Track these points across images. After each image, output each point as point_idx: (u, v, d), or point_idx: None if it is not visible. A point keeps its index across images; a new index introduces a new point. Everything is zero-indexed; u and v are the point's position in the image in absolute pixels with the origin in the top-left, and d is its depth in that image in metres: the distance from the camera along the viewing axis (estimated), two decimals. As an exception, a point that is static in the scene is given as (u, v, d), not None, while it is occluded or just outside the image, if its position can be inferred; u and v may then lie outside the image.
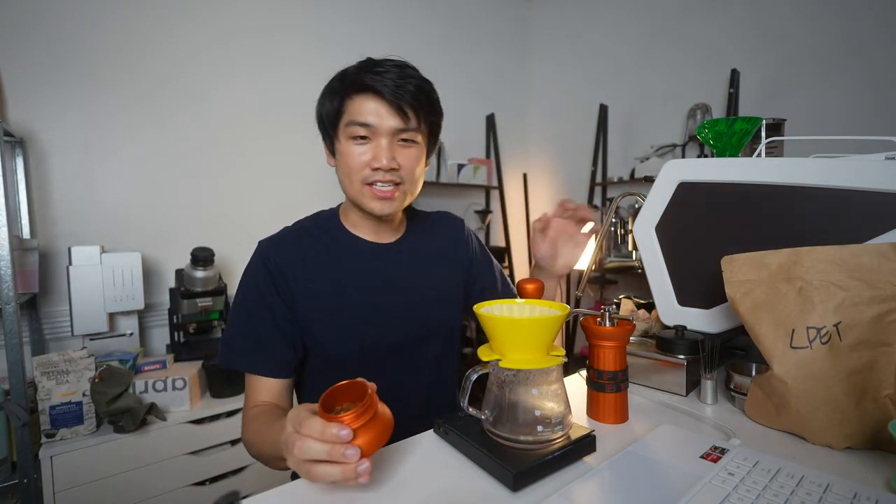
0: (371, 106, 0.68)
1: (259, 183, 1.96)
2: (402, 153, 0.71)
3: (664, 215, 0.72)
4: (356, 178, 0.71)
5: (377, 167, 0.70)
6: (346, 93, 0.70)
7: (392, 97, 0.68)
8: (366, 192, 0.72)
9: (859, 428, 0.53)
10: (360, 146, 0.70)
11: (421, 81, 0.71)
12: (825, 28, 1.79)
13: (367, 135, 0.70)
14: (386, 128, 0.69)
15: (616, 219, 2.18)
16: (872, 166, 0.55)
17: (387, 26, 2.34)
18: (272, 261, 0.73)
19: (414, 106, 0.69)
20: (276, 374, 0.72)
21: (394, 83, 0.68)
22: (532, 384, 0.51)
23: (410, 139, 0.72)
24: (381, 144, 0.69)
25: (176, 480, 1.33)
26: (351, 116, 0.70)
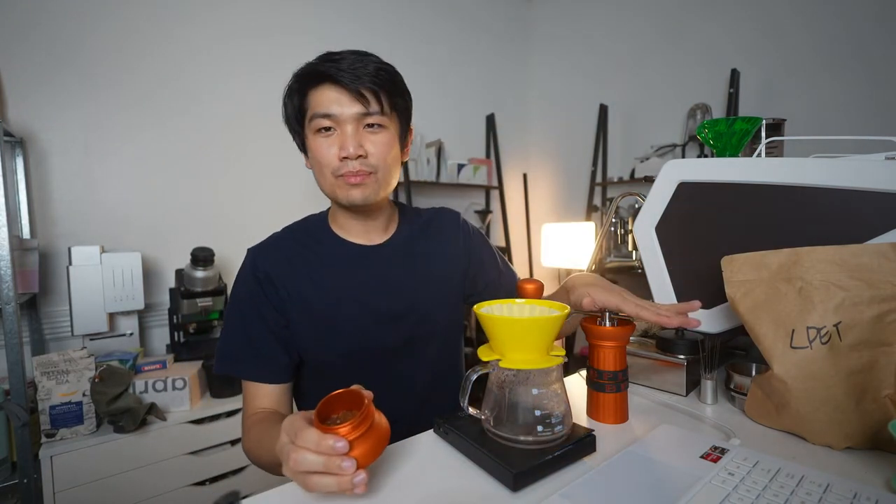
0: (331, 95, 0.67)
1: (259, 183, 1.96)
2: (370, 139, 0.69)
3: (664, 215, 0.72)
4: (327, 172, 0.70)
5: (345, 156, 0.68)
6: (305, 87, 0.69)
7: (349, 82, 0.66)
8: (339, 184, 0.70)
9: (859, 428, 0.53)
10: (326, 139, 0.69)
11: (380, 64, 0.69)
12: (825, 28, 1.79)
13: (332, 125, 0.68)
14: (348, 115, 0.67)
15: (616, 219, 2.18)
16: (872, 166, 0.55)
17: (387, 26, 2.34)
18: (260, 269, 0.73)
19: (374, 89, 0.67)
20: (274, 380, 0.72)
21: (350, 68, 0.66)
22: (532, 384, 0.51)
23: (377, 124, 0.69)
24: (347, 132, 0.68)
25: (176, 480, 1.33)
26: (313, 110, 0.69)
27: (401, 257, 0.79)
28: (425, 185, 2.34)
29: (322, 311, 0.73)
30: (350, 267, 0.76)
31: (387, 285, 0.76)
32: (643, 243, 0.74)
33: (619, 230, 2.18)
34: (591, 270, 0.91)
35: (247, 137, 1.92)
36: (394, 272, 0.77)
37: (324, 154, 0.69)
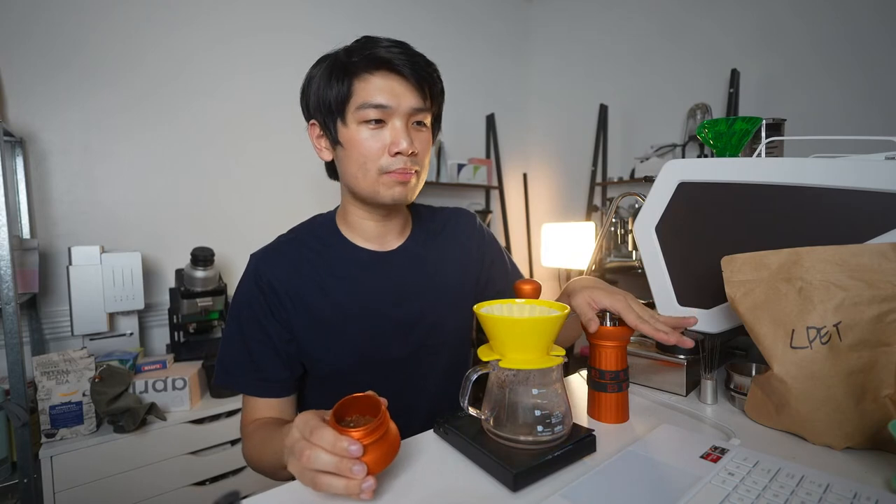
0: (386, 84, 0.62)
1: (259, 183, 1.96)
2: (419, 137, 0.65)
3: (664, 215, 0.72)
4: (372, 168, 0.64)
5: (398, 151, 0.63)
6: (355, 72, 0.63)
7: (410, 72, 0.62)
8: (384, 181, 0.65)
9: (859, 428, 0.53)
10: (373, 131, 0.63)
11: (426, 57, 0.66)
12: (825, 28, 1.79)
13: (382, 117, 0.63)
14: (404, 108, 0.63)
15: (616, 219, 2.18)
16: (872, 166, 0.55)
17: (386, 26, 2.34)
18: (264, 278, 0.69)
19: (430, 83, 0.64)
20: (273, 395, 0.69)
21: (407, 58, 0.62)
22: (532, 384, 0.51)
23: (423, 122, 0.66)
24: (398, 127, 0.63)
25: (176, 480, 1.33)
26: (363, 98, 0.63)
27: (413, 264, 0.75)
28: (425, 185, 2.34)
29: (330, 321, 0.69)
30: (360, 274, 0.72)
31: (398, 293, 0.73)
32: (643, 243, 0.74)
33: (619, 230, 2.18)
34: (591, 270, 0.91)
35: (247, 137, 1.92)
36: (405, 280, 0.74)
37: (370, 147, 0.64)
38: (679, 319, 0.61)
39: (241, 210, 1.91)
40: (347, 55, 0.64)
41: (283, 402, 0.71)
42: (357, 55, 0.63)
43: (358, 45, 0.64)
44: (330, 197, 2.01)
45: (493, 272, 0.85)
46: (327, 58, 0.67)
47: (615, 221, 2.19)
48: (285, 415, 0.70)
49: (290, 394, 0.72)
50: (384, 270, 0.73)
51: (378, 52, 0.62)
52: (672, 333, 0.57)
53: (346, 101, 0.64)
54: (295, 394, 0.73)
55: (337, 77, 0.64)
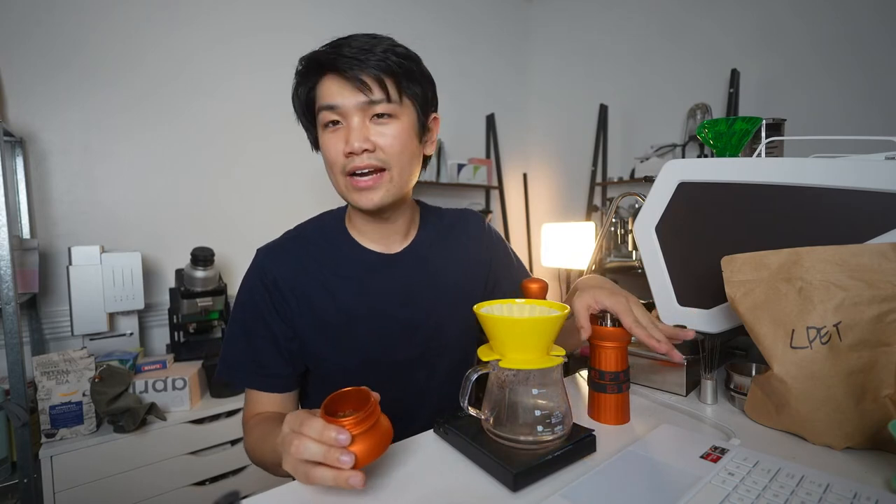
0: (332, 85, 0.62)
1: (259, 183, 1.96)
2: (378, 131, 0.63)
3: (664, 215, 0.72)
4: (337, 171, 0.65)
5: (350, 152, 0.62)
6: (309, 78, 0.64)
7: (348, 69, 0.60)
8: (350, 186, 0.65)
9: (859, 428, 0.53)
10: (333, 133, 0.64)
11: (391, 47, 0.63)
12: (825, 28, 1.79)
13: (338, 118, 0.63)
14: (351, 106, 0.61)
15: (616, 219, 2.18)
16: (872, 166, 0.55)
17: (386, 26, 2.32)
18: (269, 275, 0.68)
19: (377, 75, 0.61)
20: (276, 390, 0.70)
21: (352, 54, 0.60)
22: (532, 384, 0.51)
23: (386, 113, 0.63)
24: (353, 125, 0.62)
25: (176, 480, 1.33)
26: (319, 101, 0.64)
27: (420, 267, 0.75)
28: (425, 185, 2.34)
29: (334, 322, 0.69)
30: (367, 276, 0.71)
31: (403, 296, 0.72)
32: (643, 243, 0.74)
33: (619, 230, 2.18)
34: (591, 270, 0.91)
35: (247, 137, 1.92)
36: (411, 282, 0.73)
37: (330, 150, 0.64)
38: (677, 331, 0.60)
39: (241, 210, 1.91)
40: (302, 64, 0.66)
41: (286, 398, 0.71)
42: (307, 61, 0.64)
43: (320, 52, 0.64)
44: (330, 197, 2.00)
45: (500, 274, 0.84)
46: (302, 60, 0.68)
47: (615, 221, 2.19)
48: (287, 410, 0.71)
49: (293, 389, 0.72)
50: (390, 272, 0.73)
51: (318, 57, 0.63)
52: (664, 343, 0.57)
53: (311, 106, 0.66)
54: (297, 389, 0.73)
55: (298, 85, 0.66)
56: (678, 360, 0.58)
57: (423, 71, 0.67)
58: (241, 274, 0.74)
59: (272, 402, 0.70)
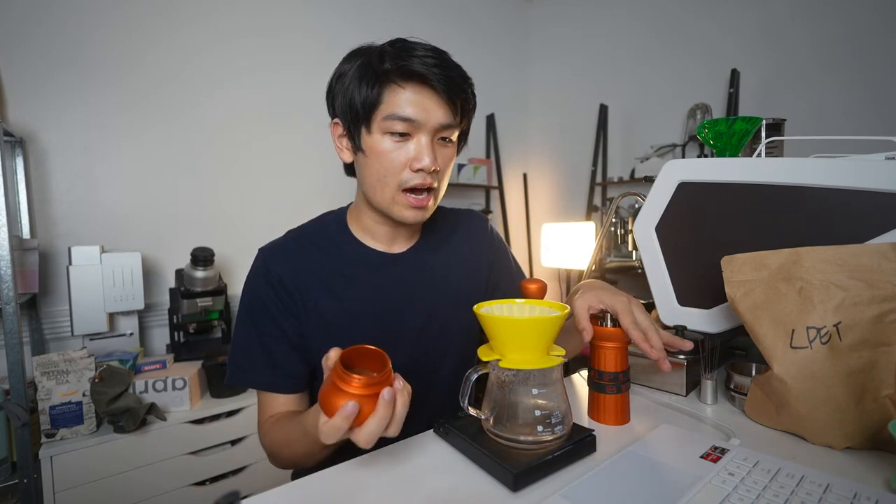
0: (417, 97, 0.60)
1: (259, 183, 1.96)
2: (442, 153, 0.64)
3: (664, 215, 0.72)
4: (391, 182, 0.63)
5: (419, 168, 0.61)
6: (386, 79, 0.60)
7: (443, 88, 0.59)
8: (399, 200, 0.64)
9: (859, 428, 0.53)
10: (397, 143, 0.62)
11: (463, 71, 0.63)
12: (825, 28, 1.79)
13: (408, 131, 0.61)
14: (432, 124, 0.61)
15: (616, 219, 2.18)
16: (872, 166, 0.56)
17: (386, 25, 2.34)
18: (273, 273, 0.68)
19: (463, 99, 0.62)
20: (292, 391, 0.68)
21: (442, 72, 0.59)
22: (532, 384, 0.51)
23: (450, 138, 0.64)
24: (422, 142, 0.61)
25: (176, 480, 1.33)
26: (391, 108, 0.60)
27: (422, 268, 0.75)
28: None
29: (337, 322, 0.68)
30: (369, 276, 0.71)
31: (406, 297, 0.72)
32: (643, 243, 0.74)
33: (619, 230, 2.18)
34: (591, 270, 0.91)
35: (247, 137, 1.92)
36: (413, 282, 0.73)
37: (392, 160, 0.62)
38: (675, 339, 0.60)
39: (241, 210, 1.91)
40: (380, 60, 0.61)
41: (301, 397, 0.70)
42: (391, 62, 0.60)
43: (393, 51, 0.60)
44: (331, 197, 2.01)
45: (500, 277, 0.84)
46: (359, 55, 0.64)
47: (615, 221, 2.19)
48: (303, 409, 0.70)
49: (307, 388, 0.71)
50: (393, 272, 0.72)
51: (412, 65, 0.59)
52: (657, 350, 0.58)
53: (374, 108, 0.62)
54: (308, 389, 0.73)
55: (367, 82, 0.61)
56: (666, 369, 0.58)
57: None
58: (241, 274, 0.74)
59: (287, 403, 0.68)
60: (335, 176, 2.15)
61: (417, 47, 0.61)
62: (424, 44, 0.62)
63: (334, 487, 0.48)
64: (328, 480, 0.50)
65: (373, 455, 0.54)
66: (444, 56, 0.62)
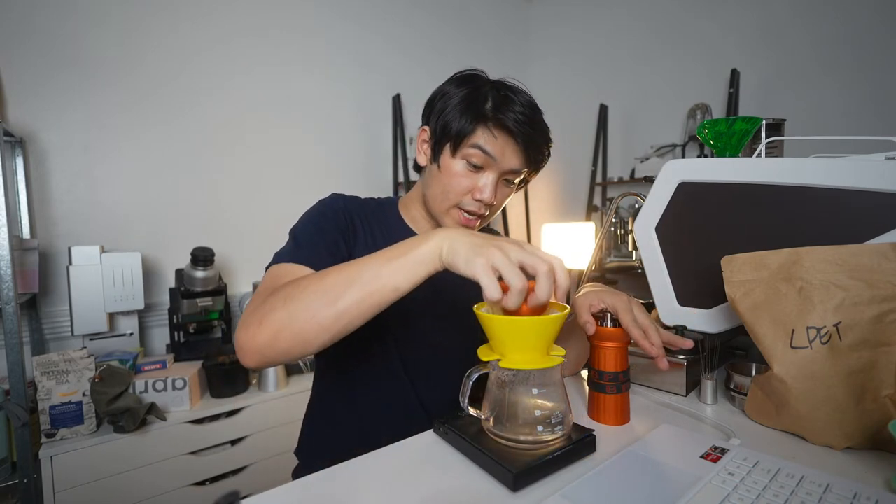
0: (500, 141, 0.68)
1: (260, 182, 1.96)
2: (502, 191, 0.72)
3: (664, 215, 0.72)
4: (452, 199, 0.71)
5: (479, 199, 0.70)
6: (483, 120, 0.68)
7: (524, 143, 0.68)
8: (453, 214, 0.72)
9: (859, 428, 0.53)
10: (470, 171, 0.70)
11: (545, 130, 0.72)
12: (825, 28, 1.79)
13: (482, 164, 0.69)
14: (505, 166, 0.69)
15: (616, 219, 2.18)
16: (872, 166, 0.55)
17: (387, 25, 2.34)
18: (345, 202, 0.75)
19: (538, 155, 0.71)
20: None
21: (529, 130, 0.68)
22: (532, 384, 0.51)
23: (513, 181, 0.72)
24: (489, 177, 0.69)
25: (176, 480, 1.33)
26: (478, 141, 0.68)
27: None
28: (425, 185, 2.34)
29: None
30: None
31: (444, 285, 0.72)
32: (643, 243, 0.74)
33: (619, 230, 2.18)
34: (591, 270, 0.91)
35: (248, 137, 1.92)
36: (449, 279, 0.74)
37: (460, 183, 0.70)
38: (675, 338, 0.62)
39: (241, 210, 1.91)
40: (484, 101, 0.68)
41: None
42: (492, 108, 0.68)
43: (496, 98, 0.68)
44: (330, 197, 1.97)
45: None
46: (467, 83, 0.71)
47: (615, 221, 2.19)
48: None
49: None
50: None
51: (507, 120, 0.67)
52: (656, 348, 0.59)
53: (465, 137, 0.69)
54: None
55: (467, 116, 0.68)
56: (664, 367, 0.59)
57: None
58: (241, 274, 0.75)
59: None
60: (336, 175, 2.16)
61: (517, 102, 0.68)
62: (524, 97, 0.70)
63: (334, 487, 0.48)
64: (328, 480, 0.50)
65: (373, 455, 0.54)
66: (536, 116, 0.70)
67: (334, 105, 2.13)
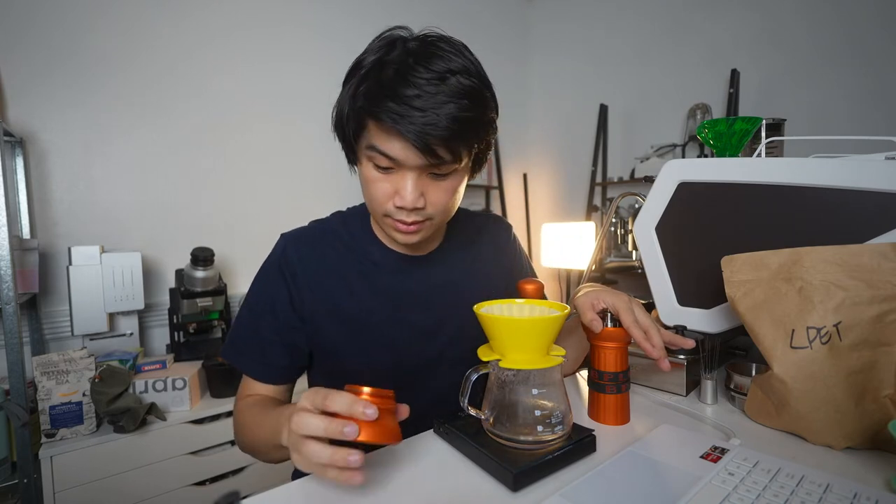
0: (394, 140, 0.54)
1: (260, 182, 1.96)
2: (434, 187, 0.59)
3: (664, 215, 0.72)
4: (375, 207, 0.62)
5: (400, 206, 0.58)
6: (366, 113, 0.55)
7: (418, 140, 0.52)
8: (387, 222, 0.62)
9: (859, 428, 0.53)
10: (381, 174, 0.58)
11: (460, 105, 0.53)
12: (825, 28, 1.79)
13: (391, 166, 0.57)
14: (412, 165, 0.56)
15: (616, 219, 2.18)
16: (872, 166, 0.55)
17: (386, 24, 2.33)
18: (289, 261, 0.68)
19: (450, 144, 0.54)
20: (272, 381, 0.70)
21: (423, 120, 0.52)
22: (532, 384, 0.51)
23: (445, 173, 0.59)
24: (407, 179, 0.57)
25: (176, 480, 1.33)
26: (373, 140, 0.56)
27: (444, 271, 0.74)
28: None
29: (352, 318, 0.69)
30: (388, 277, 0.71)
31: (423, 299, 0.72)
32: (643, 243, 0.74)
33: (619, 230, 2.18)
34: (591, 270, 0.91)
35: (248, 137, 1.92)
36: (434, 285, 0.73)
37: (377, 190, 0.59)
38: (676, 338, 0.60)
39: (241, 210, 1.91)
40: (362, 82, 0.55)
41: (279, 389, 0.72)
42: (372, 97, 0.53)
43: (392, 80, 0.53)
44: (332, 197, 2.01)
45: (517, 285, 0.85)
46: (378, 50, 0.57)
47: (615, 221, 2.19)
48: (280, 398, 0.73)
49: (288, 382, 0.73)
50: (413, 275, 0.72)
51: (385, 112, 0.52)
52: (658, 349, 0.58)
53: (359, 134, 0.58)
54: (293, 383, 0.74)
55: (353, 107, 0.56)
56: (665, 368, 0.58)
57: (492, 111, 0.60)
58: (241, 274, 0.75)
59: (266, 391, 0.71)
60: (337, 175, 2.16)
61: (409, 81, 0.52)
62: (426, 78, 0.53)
63: (334, 487, 0.48)
64: (328, 480, 0.50)
65: (373, 455, 0.54)
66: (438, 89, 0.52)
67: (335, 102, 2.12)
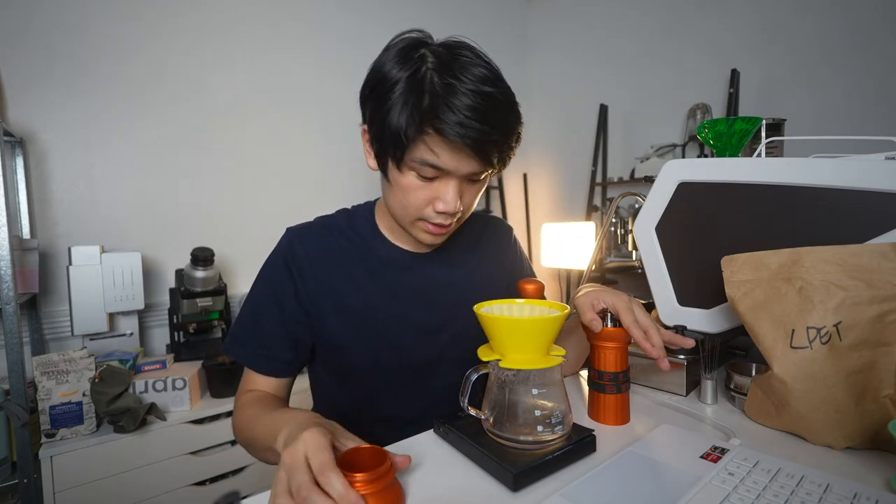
0: (448, 150, 0.56)
1: (260, 182, 1.96)
2: (469, 190, 0.63)
3: (664, 215, 0.72)
4: (411, 212, 0.63)
5: (442, 211, 0.61)
6: (422, 129, 0.56)
7: (475, 148, 0.55)
8: (418, 226, 0.64)
9: (859, 428, 0.53)
10: (423, 182, 0.60)
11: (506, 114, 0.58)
12: (826, 27, 1.79)
13: (435, 175, 0.59)
14: (463, 172, 0.59)
15: (616, 219, 2.18)
16: (872, 166, 0.55)
17: (386, 24, 2.34)
18: (295, 255, 0.70)
19: (503, 152, 0.59)
20: (274, 374, 0.71)
21: (478, 128, 0.54)
22: (532, 384, 0.51)
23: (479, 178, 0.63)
24: (450, 186, 0.60)
25: (176, 480, 1.33)
26: (422, 155, 0.57)
27: (445, 270, 0.75)
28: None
29: (356, 314, 0.70)
30: (392, 274, 0.72)
31: (427, 298, 0.73)
32: (643, 243, 0.74)
33: (619, 230, 2.18)
34: (591, 270, 0.91)
35: (248, 136, 1.92)
36: (438, 283, 0.74)
37: (417, 197, 0.61)
38: (676, 338, 0.60)
39: (241, 210, 1.91)
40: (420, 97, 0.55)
41: (281, 382, 0.72)
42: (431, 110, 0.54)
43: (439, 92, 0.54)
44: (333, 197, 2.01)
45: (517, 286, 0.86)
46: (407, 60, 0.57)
47: (615, 221, 2.19)
48: (281, 394, 0.72)
49: (290, 376, 0.73)
50: (417, 273, 0.73)
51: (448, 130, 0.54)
52: (658, 349, 0.58)
53: (405, 148, 0.58)
54: (294, 377, 0.74)
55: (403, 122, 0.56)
56: (665, 367, 0.58)
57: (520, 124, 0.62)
58: (241, 274, 0.75)
59: (268, 384, 0.71)
60: (337, 175, 2.16)
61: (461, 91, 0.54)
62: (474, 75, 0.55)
63: None
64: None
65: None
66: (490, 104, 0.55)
67: (337, 101, 2.12)
